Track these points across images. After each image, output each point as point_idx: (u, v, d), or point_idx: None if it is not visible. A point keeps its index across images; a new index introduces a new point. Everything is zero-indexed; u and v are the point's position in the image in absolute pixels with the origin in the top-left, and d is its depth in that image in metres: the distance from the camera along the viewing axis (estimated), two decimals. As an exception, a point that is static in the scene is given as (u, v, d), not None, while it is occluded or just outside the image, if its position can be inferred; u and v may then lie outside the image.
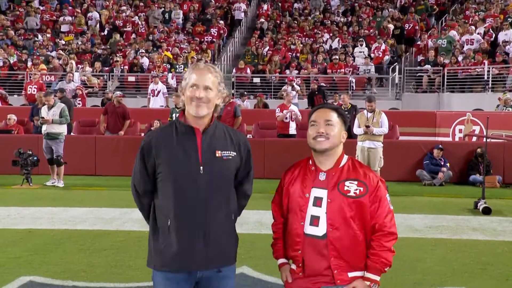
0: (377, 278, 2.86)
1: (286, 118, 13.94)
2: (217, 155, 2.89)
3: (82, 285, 5.41)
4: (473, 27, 21.70)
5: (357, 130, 10.99)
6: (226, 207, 2.93)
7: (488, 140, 10.90)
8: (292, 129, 14.01)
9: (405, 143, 13.67)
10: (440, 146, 12.75)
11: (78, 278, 5.60)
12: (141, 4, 27.87)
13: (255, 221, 7.96)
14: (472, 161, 12.57)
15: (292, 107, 14.13)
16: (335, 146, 2.91)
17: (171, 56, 22.28)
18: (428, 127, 15.80)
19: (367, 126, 10.69)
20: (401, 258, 6.15)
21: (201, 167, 2.85)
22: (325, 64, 21.64)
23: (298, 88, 18.83)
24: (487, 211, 8.99)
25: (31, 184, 11.57)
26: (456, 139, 15.24)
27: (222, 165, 2.90)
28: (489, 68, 19.32)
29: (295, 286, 2.95)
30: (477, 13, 23.76)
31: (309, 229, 2.86)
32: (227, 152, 2.92)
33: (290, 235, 2.94)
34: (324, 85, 19.72)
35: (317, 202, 2.86)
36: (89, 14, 26.45)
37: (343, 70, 21.02)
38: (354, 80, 20.80)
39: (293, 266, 2.95)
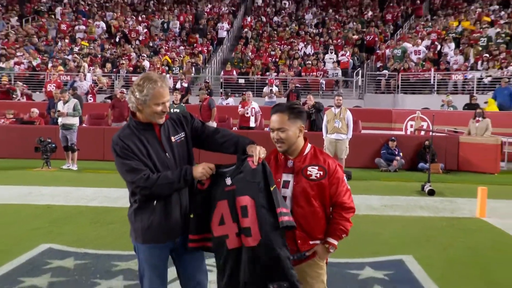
0: (336, 242, 2.91)
1: (247, 113, 14.03)
2: (172, 140, 2.94)
3: (92, 252, 5.41)
4: (420, 40, 21.88)
5: (325, 127, 10.95)
6: None
7: (433, 134, 11.01)
8: (252, 123, 14.09)
9: (366, 136, 13.70)
10: (393, 138, 12.84)
11: (89, 246, 5.60)
12: (144, 15, 27.60)
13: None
14: (420, 151, 12.68)
15: (253, 104, 14.18)
16: (292, 144, 2.92)
17: (170, 61, 22.07)
18: (385, 122, 15.88)
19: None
20: (362, 232, 6.22)
21: (166, 153, 2.89)
22: (300, 68, 21.61)
23: (276, 89, 18.80)
24: (431, 193, 9.10)
25: (49, 167, 11.45)
26: (408, 132, 15.37)
27: (179, 148, 2.95)
28: (435, 74, 19.58)
29: None
30: (424, 29, 23.95)
31: None
32: (178, 135, 2.97)
33: None
34: (299, 85, 19.71)
35: (286, 184, 2.91)
36: (97, 23, 26.08)
37: (315, 73, 21.02)
38: (324, 82, 20.79)
39: None
